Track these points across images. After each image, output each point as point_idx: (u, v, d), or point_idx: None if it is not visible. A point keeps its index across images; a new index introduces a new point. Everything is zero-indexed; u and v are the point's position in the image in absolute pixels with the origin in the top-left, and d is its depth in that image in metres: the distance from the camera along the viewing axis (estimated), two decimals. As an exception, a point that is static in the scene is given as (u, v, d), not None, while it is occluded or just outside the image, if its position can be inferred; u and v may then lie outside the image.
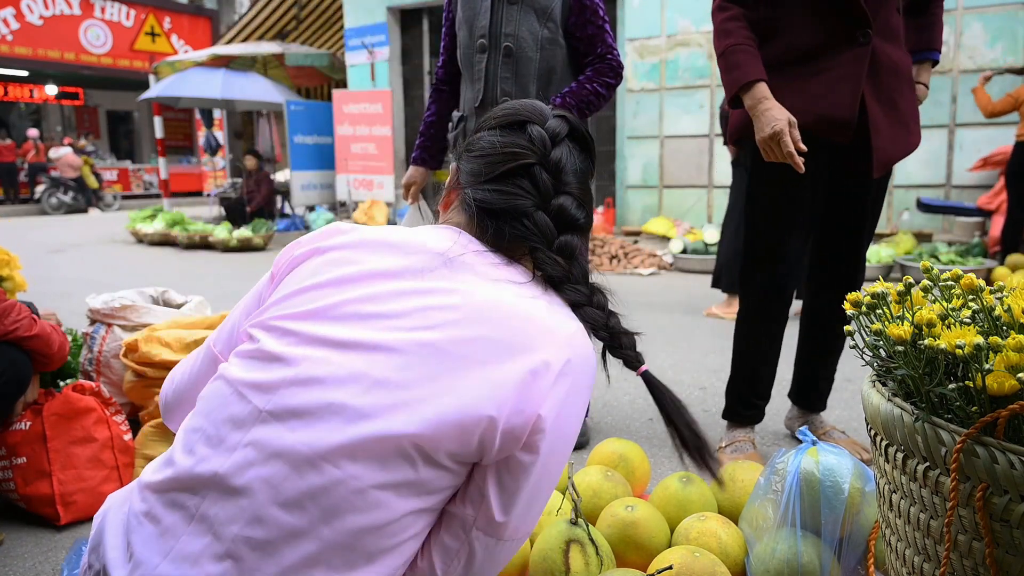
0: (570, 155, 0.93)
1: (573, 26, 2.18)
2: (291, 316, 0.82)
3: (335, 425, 0.75)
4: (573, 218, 0.90)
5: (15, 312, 1.70)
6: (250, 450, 0.76)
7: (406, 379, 0.77)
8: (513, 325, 0.81)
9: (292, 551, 0.74)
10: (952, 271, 1.13)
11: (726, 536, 1.47)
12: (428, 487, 0.79)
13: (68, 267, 6.93)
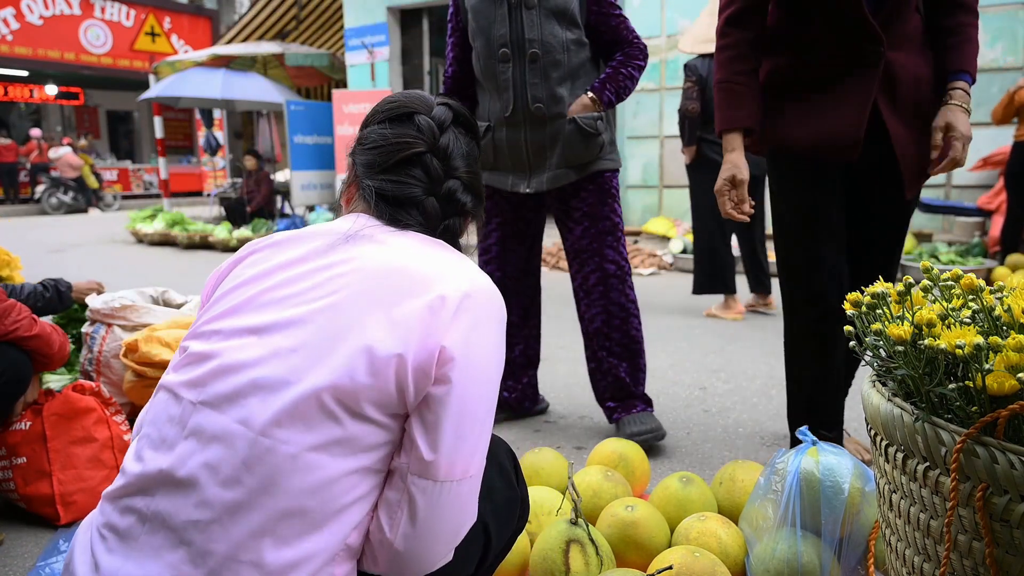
0: (457, 140, 0.99)
1: (595, 22, 2.17)
2: (215, 318, 0.88)
3: (262, 398, 0.79)
4: (461, 202, 0.99)
5: (15, 312, 1.70)
6: (191, 441, 0.80)
7: (317, 340, 0.82)
8: (409, 272, 0.86)
9: (238, 526, 0.77)
10: (952, 271, 1.13)
11: (726, 536, 1.47)
12: (361, 444, 0.81)
13: (68, 267, 6.93)
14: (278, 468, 0.78)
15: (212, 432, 0.79)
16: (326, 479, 0.79)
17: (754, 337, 3.81)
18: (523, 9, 2.11)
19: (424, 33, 9.63)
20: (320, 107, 10.09)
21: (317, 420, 0.79)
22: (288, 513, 0.78)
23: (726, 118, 1.81)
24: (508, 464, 1.07)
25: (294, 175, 9.73)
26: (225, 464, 0.78)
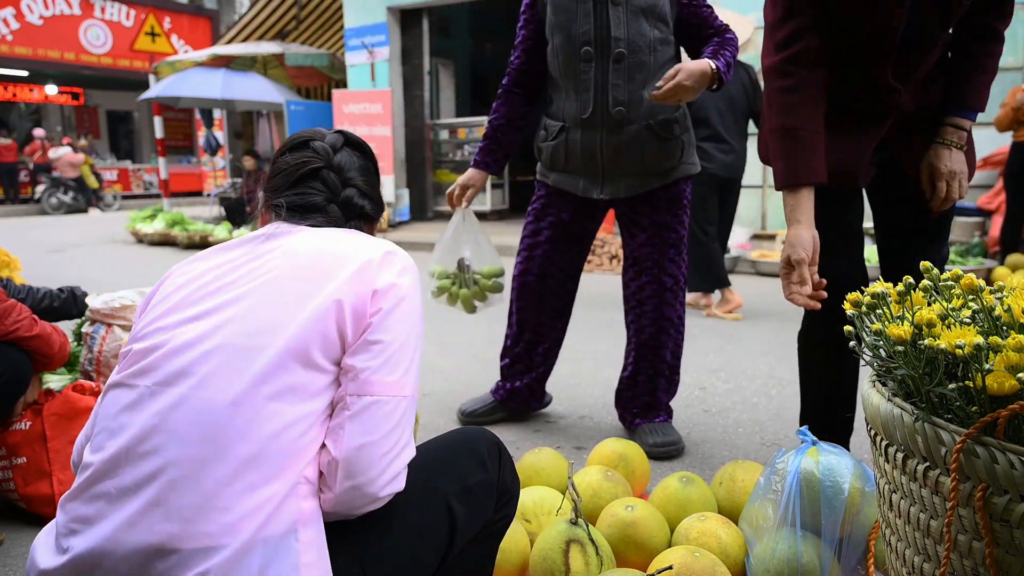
0: (350, 157, 1.13)
1: (686, 15, 2.09)
2: (154, 319, 0.95)
3: (215, 365, 0.88)
4: (359, 206, 1.11)
5: (15, 312, 1.70)
6: (151, 416, 0.87)
7: (260, 308, 0.92)
8: (333, 248, 0.99)
9: (208, 478, 0.84)
10: (952, 271, 1.13)
11: (726, 536, 1.47)
12: (311, 390, 0.91)
13: (68, 267, 6.93)
14: (240, 421, 0.86)
15: (171, 403, 0.87)
16: (284, 424, 0.88)
17: (754, 337, 3.81)
18: (609, 5, 2.02)
19: (424, 33, 9.62)
20: (320, 107, 10.10)
21: (271, 374, 0.88)
22: (252, 459, 0.85)
23: (794, 170, 1.52)
24: (487, 452, 1.09)
25: (294, 175, 9.73)
26: (187, 427, 0.85)
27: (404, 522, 0.97)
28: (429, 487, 1.01)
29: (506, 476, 1.12)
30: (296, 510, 0.87)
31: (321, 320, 0.92)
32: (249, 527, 0.83)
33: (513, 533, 1.48)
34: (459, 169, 10.02)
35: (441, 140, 10.11)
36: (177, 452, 0.84)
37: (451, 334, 3.94)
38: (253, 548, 0.83)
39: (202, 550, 0.82)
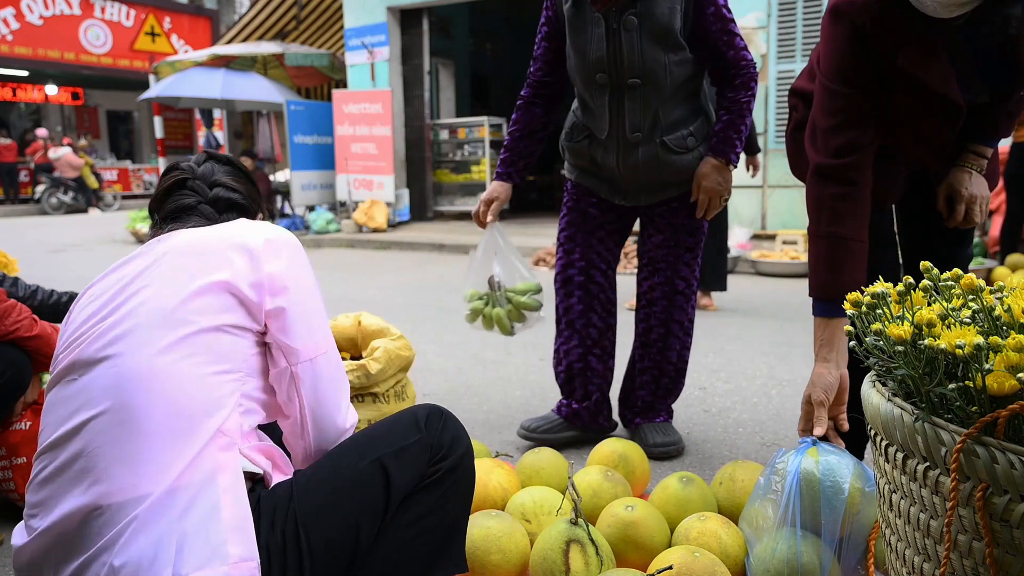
0: (215, 167, 1.26)
1: (696, 37, 2.00)
2: (72, 330, 1.05)
3: (127, 343, 0.98)
4: (230, 199, 1.24)
5: (16, 313, 1.70)
6: (75, 400, 0.98)
7: (162, 289, 1.02)
8: (220, 229, 1.11)
9: (128, 437, 0.93)
10: (952, 271, 1.13)
11: (726, 536, 1.47)
12: (218, 351, 1.01)
13: (68, 267, 6.93)
14: (154, 383, 0.95)
15: (91, 383, 0.97)
16: (194, 383, 0.98)
17: (754, 337, 3.82)
18: (622, 32, 1.95)
19: (424, 33, 9.62)
20: (320, 107, 10.09)
21: (178, 341, 0.98)
22: (167, 416, 0.95)
23: (839, 282, 1.42)
24: (425, 417, 1.17)
25: (294, 175, 9.73)
26: (105, 398, 0.95)
27: (338, 479, 1.06)
28: (365, 450, 1.10)
29: (444, 436, 1.17)
30: (213, 460, 0.96)
31: (216, 291, 1.02)
32: (169, 475, 0.92)
33: (513, 533, 1.48)
34: (459, 169, 10.02)
35: (441, 140, 10.11)
36: (98, 423, 0.94)
37: (451, 334, 3.95)
38: (175, 493, 0.92)
39: (130, 500, 0.91)
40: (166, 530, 0.90)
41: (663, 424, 2.28)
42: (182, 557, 0.89)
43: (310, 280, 1.14)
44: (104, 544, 0.90)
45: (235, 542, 0.92)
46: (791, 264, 5.90)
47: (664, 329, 2.23)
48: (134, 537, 0.89)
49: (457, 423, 1.22)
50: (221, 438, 0.98)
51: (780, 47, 7.28)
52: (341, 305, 4.72)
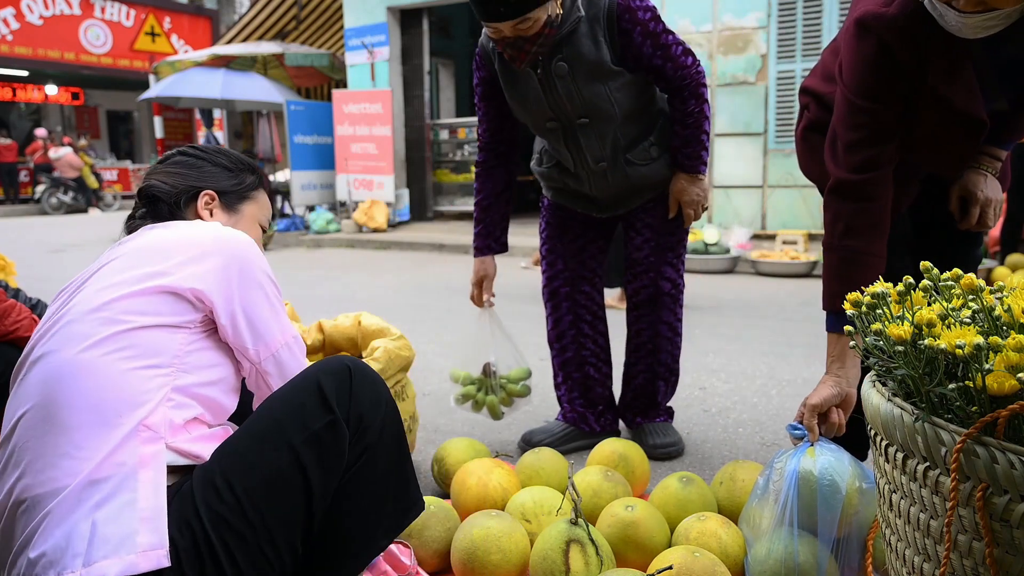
0: (158, 167, 1.31)
1: (629, 59, 1.91)
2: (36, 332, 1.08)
3: (59, 339, 1.02)
4: (149, 193, 1.27)
5: (15, 313, 1.70)
6: (13, 400, 1.02)
7: (103, 287, 1.05)
8: (171, 235, 1.14)
9: (52, 430, 0.95)
10: (952, 271, 1.13)
11: (726, 536, 1.47)
12: (147, 348, 1.02)
13: (68, 267, 6.93)
14: (79, 377, 0.97)
15: (26, 381, 1.01)
16: (119, 377, 0.99)
17: (754, 337, 3.81)
18: (556, 80, 1.91)
19: (424, 33, 9.62)
20: (320, 107, 10.09)
21: (107, 337, 1.00)
22: (90, 409, 0.96)
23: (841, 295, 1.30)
24: (333, 388, 1.09)
25: (294, 175, 9.73)
26: (33, 394, 0.99)
27: (255, 476, 1.01)
28: (278, 441, 1.03)
29: (358, 406, 1.10)
30: (135, 453, 0.96)
31: (153, 293, 1.04)
32: (87, 467, 0.93)
33: (513, 533, 1.48)
34: (459, 169, 10.02)
35: (441, 140, 10.11)
36: (26, 419, 0.97)
37: (451, 334, 3.95)
38: (92, 485, 0.93)
39: (49, 492, 0.92)
40: (80, 521, 0.91)
41: (663, 424, 2.28)
42: (93, 547, 0.90)
43: (260, 277, 1.15)
44: (25, 538, 0.92)
45: (145, 531, 0.93)
46: (791, 264, 5.89)
47: (652, 331, 2.21)
48: (49, 529, 0.91)
49: (365, 376, 1.13)
50: (144, 431, 0.98)
51: (780, 47, 7.28)
52: (341, 305, 4.72)
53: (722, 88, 7.58)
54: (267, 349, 1.14)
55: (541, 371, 3.22)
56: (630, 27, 1.87)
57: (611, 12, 1.87)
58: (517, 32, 1.78)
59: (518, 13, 1.73)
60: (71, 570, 0.89)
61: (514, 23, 1.75)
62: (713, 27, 7.54)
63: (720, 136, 7.65)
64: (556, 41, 1.86)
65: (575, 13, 1.86)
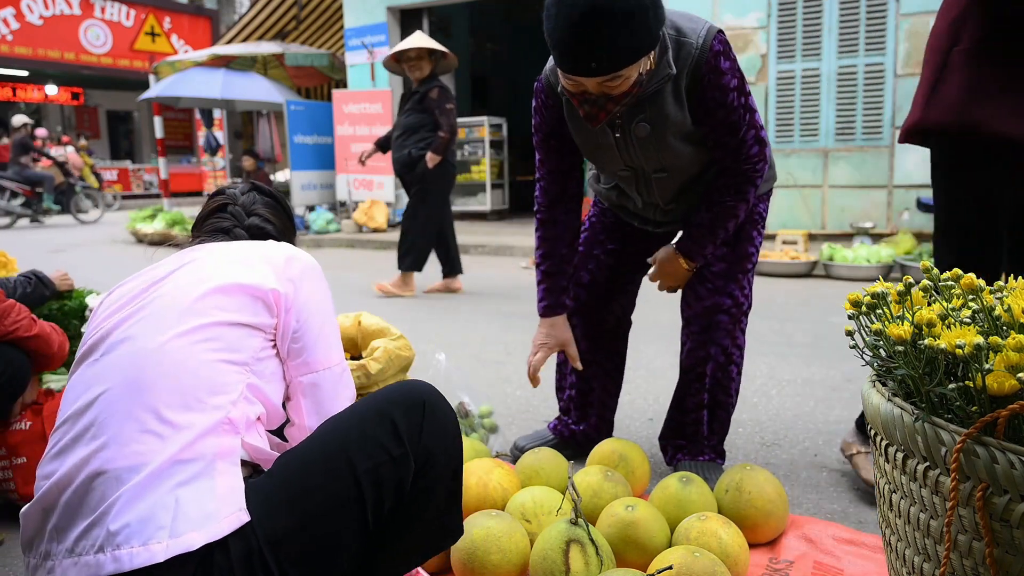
0: (256, 199, 1.37)
1: (699, 117, 1.69)
2: (98, 323, 1.10)
3: (144, 326, 1.04)
4: (262, 229, 1.33)
5: (15, 312, 1.70)
6: (94, 377, 1.03)
7: (185, 283, 1.09)
8: (250, 245, 1.21)
9: (137, 408, 0.98)
10: (952, 271, 1.13)
11: (726, 536, 1.47)
12: (229, 340, 1.06)
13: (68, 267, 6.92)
14: (165, 361, 1.01)
15: (109, 362, 1.03)
16: (204, 365, 1.02)
17: (754, 337, 3.81)
18: (633, 139, 1.72)
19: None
20: (320, 107, 10.09)
21: (193, 327, 1.04)
22: (175, 392, 0.99)
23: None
24: (403, 418, 1.09)
25: (294, 175, 9.73)
26: (119, 373, 1.00)
27: (314, 500, 1.02)
28: (343, 469, 1.03)
29: (428, 440, 1.10)
30: (217, 444, 0.99)
31: (236, 292, 1.09)
32: (171, 449, 0.95)
33: (513, 533, 1.48)
34: (459, 169, 10.00)
35: (441, 140, 10.10)
36: (109, 395, 0.99)
37: (451, 334, 3.95)
38: (176, 466, 0.95)
39: (133, 467, 0.94)
40: (164, 496, 0.93)
41: (707, 463, 1.98)
42: (177, 520, 0.93)
43: (325, 300, 1.22)
44: (105, 509, 0.93)
45: (225, 506, 0.96)
46: (791, 264, 5.89)
47: (703, 352, 1.92)
48: (132, 502, 0.93)
49: (437, 410, 1.13)
50: (224, 422, 1.01)
51: (780, 47, 7.28)
52: (341, 305, 4.72)
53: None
54: (319, 364, 1.19)
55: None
56: (708, 86, 1.64)
57: (697, 65, 1.62)
58: (603, 89, 1.53)
59: (612, 69, 1.47)
60: (157, 540, 0.91)
61: (602, 79, 1.50)
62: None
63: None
64: (639, 100, 1.64)
65: (665, 71, 1.61)
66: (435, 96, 4.79)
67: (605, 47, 1.44)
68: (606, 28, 1.41)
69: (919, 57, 6.72)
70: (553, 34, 1.48)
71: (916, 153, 6.85)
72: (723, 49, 1.64)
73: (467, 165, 9.93)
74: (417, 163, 4.88)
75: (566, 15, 1.43)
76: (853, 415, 2.59)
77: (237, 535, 0.95)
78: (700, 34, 1.62)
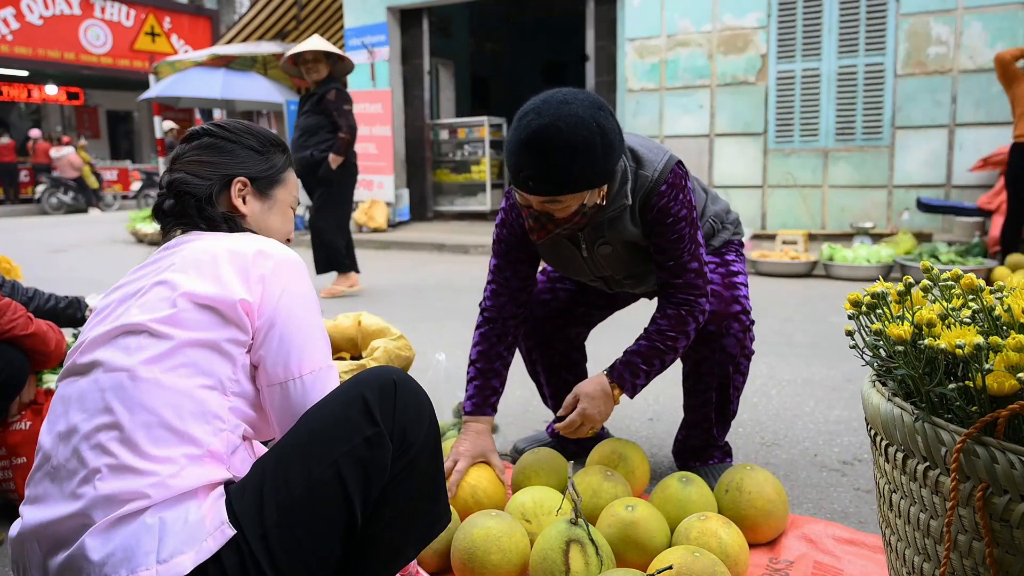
0: (184, 148, 1.25)
1: (649, 240, 1.74)
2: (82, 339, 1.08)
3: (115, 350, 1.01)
4: (180, 188, 1.20)
5: (10, 311, 1.70)
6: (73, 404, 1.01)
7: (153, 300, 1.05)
8: (219, 247, 1.10)
9: (117, 442, 0.95)
10: (952, 271, 1.13)
11: (726, 536, 1.47)
12: (202, 367, 1.02)
13: (68, 267, 6.93)
14: (139, 392, 0.97)
15: (86, 387, 1.00)
16: (183, 393, 0.99)
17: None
18: (598, 256, 1.79)
19: (424, 33, 9.62)
20: (320, 107, 10.07)
21: (163, 354, 1.00)
22: (158, 424, 0.97)
23: None
24: (376, 399, 1.07)
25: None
26: (96, 403, 0.98)
27: (296, 489, 1.00)
28: (321, 453, 1.02)
29: (402, 418, 1.08)
30: (199, 474, 0.97)
31: (201, 310, 1.03)
32: (153, 478, 0.94)
33: (513, 533, 1.48)
34: (459, 169, 10.02)
35: (441, 140, 10.11)
36: (89, 426, 0.97)
37: (451, 334, 3.95)
38: (156, 498, 0.94)
39: (116, 496, 0.92)
40: (145, 522, 0.93)
41: (717, 466, 2.01)
42: (163, 544, 0.92)
43: (301, 300, 1.12)
44: (85, 539, 0.92)
45: (209, 519, 0.96)
46: (791, 264, 5.89)
47: (710, 363, 1.90)
48: (115, 530, 0.92)
49: (409, 389, 1.11)
50: (206, 455, 1.00)
51: (780, 47, 7.28)
52: (341, 305, 4.72)
53: (722, 88, 7.58)
54: (302, 368, 1.11)
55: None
56: (658, 212, 1.69)
57: (648, 195, 1.69)
58: (545, 208, 1.60)
59: (548, 192, 1.54)
60: (145, 567, 0.90)
61: (542, 199, 1.57)
62: (713, 27, 7.54)
63: (720, 136, 7.65)
64: (598, 224, 1.71)
65: (621, 200, 1.67)
66: (332, 98, 4.83)
67: (544, 170, 1.52)
68: (551, 154, 1.50)
69: (919, 57, 6.73)
70: (508, 146, 1.59)
71: (916, 153, 6.86)
72: (679, 183, 1.70)
73: (467, 165, 9.93)
74: (319, 165, 4.90)
75: (522, 131, 1.53)
76: (853, 415, 2.59)
77: (228, 547, 0.95)
78: (657, 167, 1.69)
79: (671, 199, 1.69)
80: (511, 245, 1.85)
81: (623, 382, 1.76)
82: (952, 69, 6.62)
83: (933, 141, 6.75)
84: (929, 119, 6.76)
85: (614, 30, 8.16)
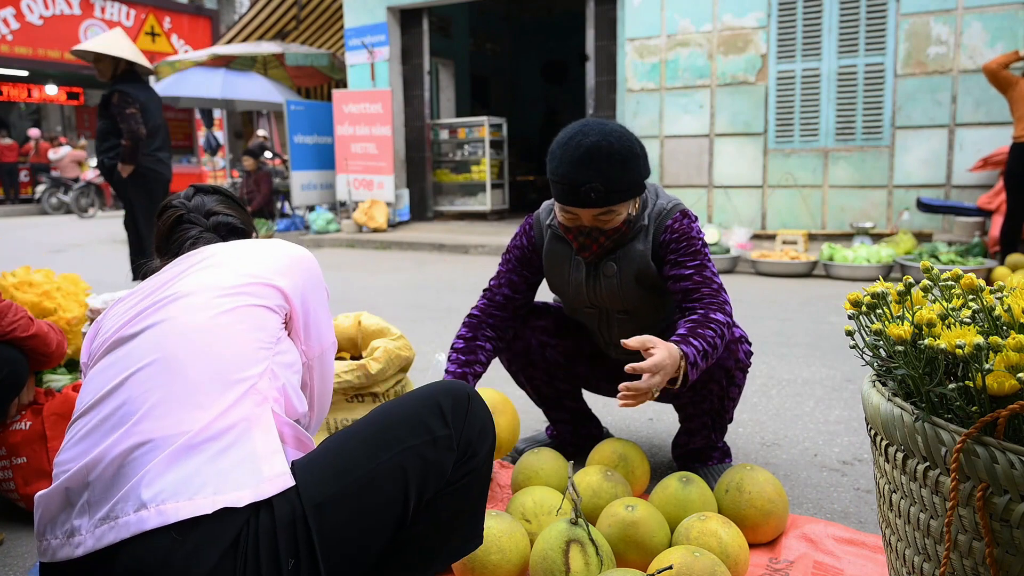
0: (205, 198, 1.37)
1: (664, 263, 1.80)
2: (104, 321, 1.14)
3: (179, 308, 1.08)
4: (229, 224, 1.35)
5: (12, 312, 1.70)
6: (121, 360, 1.04)
7: (208, 272, 1.14)
8: (251, 244, 1.25)
9: (173, 382, 1.00)
10: (952, 271, 1.13)
11: (726, 536, 1.47)
12: (258, 322, 1.10)
13: (68, 267, 6.93)
14: (199, 335, 1.04)
15: (135, 346, 1.04)
16: (236, 337, 1.06)
17: (754, 337, 3.81)
18: (602, 277, 1.84)
19: (424, 33, 9.62)
20: (320, 107, 10.09)
21: (223, 308, 1.08)
22: (211, 363, 1.02)
23: None
24: (450, 406, 1.12)
25: (294, 175, 9.73)
26: (151, 354, 1.02)
27: (357, 473, 1.03)
28: (389, 441, 1.06)
29: (470, 430, 1.13)
30: (249, 412, 1.02)
31: (256, 283, 1.13)
32: (207, 417, 0.97)
33: (513, 533, 1.48)
34: (459, 169, 10.02)
35: (441, 140, 10.11)
36: (141, 374, 1.00)
37: (451, 334, 3.95)
38: (214, 434, 0.97)
39: (169, 436, 0.95)
40: (204, 462, 0.94)
41: (717, 466, 2.02)
42: (222, 480, 0.94)
43: (323, 288, 1.29)
44: (144, 475, 0.93)
45: (268, 465, 0.98)
46: (791, 264, 5.89)
47: (705, 375, 1.84)
48: (172, 466, 0.93)
49: (481, 406, 1.17)
50: (256, 393, 1.04)
51: (780, 47, 7.28)
52: (341, 305, 4.72)
53: (722, 88, 7.58)
54: (323, 346, 1.28)
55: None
56: (673, 232, 1.77)
57: (664, 217, 1.80)
58: (596, 222, 1.71)
59: (607, 202, 1.66)
60: (203, 495, 0.92)
61: (597, 212, 1.68)
62: (713, 27, 7.54)
63: (720, 136, 7.65)
64: (614, 243, 1.79)
65: (640, 221, 1.79)
66: (115, 101, 4.62)
67: (605, 181, 1.64)
68: (605, 165, 1.63)
69: (919, 57, 6.73)
70: (558, 170, 1.68)
71: (916, 153, 6.86)
72: (690, 216, 1.83)
73: (467, 165, 9.93)
74: (112, 172, 4.80)
75: (571, 153, 1.65)
76: (853, 415, 2.59)
77: (282, 498, 0.96)
78: (672, 200, 1.85)
79: (684, 225, 1.80)
80: (521, 264, 1.95)
81: (691, 348, 1.61)
82: (952, 69, 6.62)
83: (933, 141, 6.75)
84: (929, 119, 6.76)
85: (614, 30, 8.16)
